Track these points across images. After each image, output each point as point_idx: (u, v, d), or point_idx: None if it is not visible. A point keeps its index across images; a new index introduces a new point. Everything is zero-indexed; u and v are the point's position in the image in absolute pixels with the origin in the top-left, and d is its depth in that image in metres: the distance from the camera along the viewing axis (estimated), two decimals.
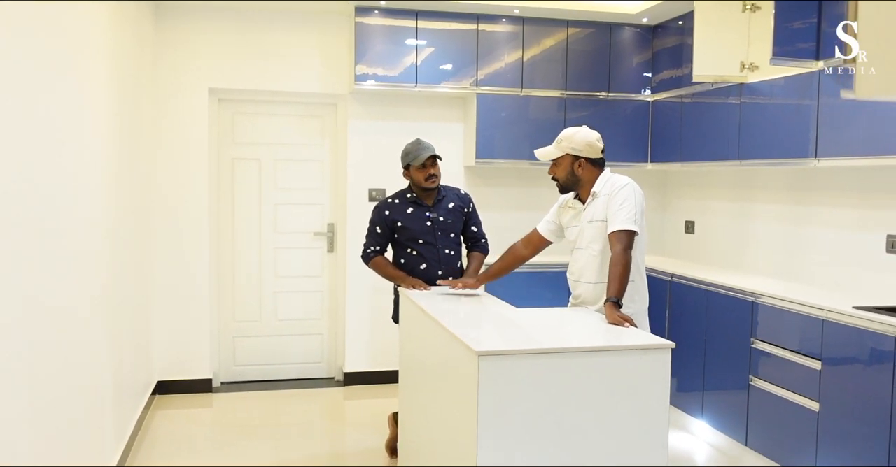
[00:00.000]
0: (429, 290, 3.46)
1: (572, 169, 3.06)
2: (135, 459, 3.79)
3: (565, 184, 3.11)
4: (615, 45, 5.18)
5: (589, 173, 3.06)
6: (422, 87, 4.91)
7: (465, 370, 2.44)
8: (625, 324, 2.67)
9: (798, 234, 4.22)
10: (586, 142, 3.04)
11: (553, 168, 3.12)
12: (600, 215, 2.98)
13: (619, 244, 2.86)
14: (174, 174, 4.90)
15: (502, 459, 2.34)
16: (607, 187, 3.00)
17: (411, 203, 3.68)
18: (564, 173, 3.08)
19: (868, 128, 3.38)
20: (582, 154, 3.03)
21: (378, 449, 3.99)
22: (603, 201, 2.98)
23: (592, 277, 3.02)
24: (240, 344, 5.24)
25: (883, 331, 2.98)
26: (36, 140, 2.37)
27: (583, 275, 3.08)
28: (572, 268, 3.15)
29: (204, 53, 4.92)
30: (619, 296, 2.79)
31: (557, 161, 3.10)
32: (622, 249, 2.84)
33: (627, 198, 2.91)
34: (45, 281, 2.44)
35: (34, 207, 2.35)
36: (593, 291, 3.02)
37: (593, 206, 3.02)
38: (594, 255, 3.02)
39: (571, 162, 3.06)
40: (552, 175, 3.14)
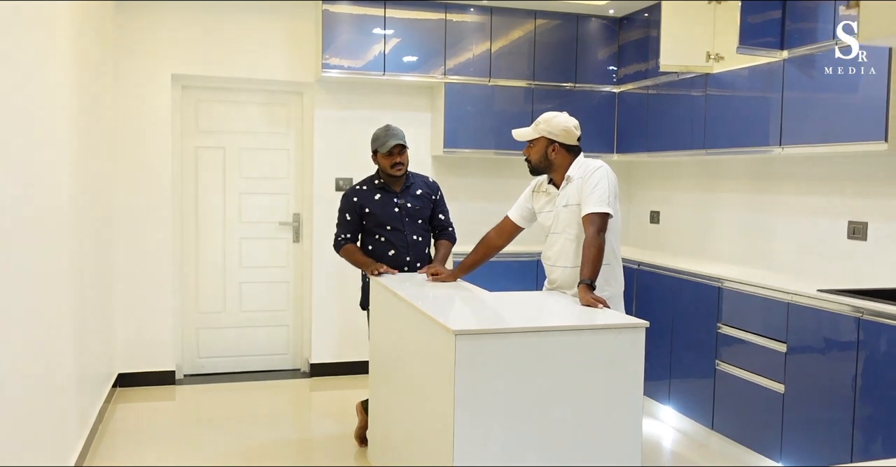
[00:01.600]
0: (396, 275, 3.46)
1: (546, 152, 3.07)
2: (96, 453, 3.69)
3: (537, 167, 3.12)
4: (582, 37, 5.21)
5: (562, 158, 3.07)
6: (389, 75, 4.88)
7: (441, 351, 2.43)
8: (598, 305, 2.69)
9: (762, 222, 4.31)
10: (563, 128, 3.06)
11: (528, 149, 3.13)
12: (574, 199, 2.99)
13: (593, 227, 2.87)
14: (136, 163, 4.79)
15: (479, 440, 2.33)
16: (580, 171, 3.01)
17: (379, 189, 3.67)
18: (538, 155, 3.09)
19: (830, 116, 3.45)
20: (557, 138, 3.05)
21: (347, 437, 3.95)
22: (576, 185, 3.00)
23: (568, 261, 3.03)
24: (204, 335, 5.15)
25: (847, 312, 3.05)
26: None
27: (558, 259, 3.08)
28: (547, 253, 3.16)
29: (167, 39, 4.82)
30: (592, 278, 2.80)
31: (533, 142, 3.11)
32: (595, 232, 2.86)
33: (600, 181, 2.93)
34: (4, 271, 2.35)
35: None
36: (570, 275, 3.03)
37: (567, 191, 3.03)
38: (569, 239, 3.03)
39: (546, 145, 3.07)
40: (526, 156, 3.14)
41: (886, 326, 2.88)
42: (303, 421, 4.45)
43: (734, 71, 4.09)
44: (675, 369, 4.14)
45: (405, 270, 3.60)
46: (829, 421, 3.13)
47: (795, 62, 3.66)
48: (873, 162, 3.61)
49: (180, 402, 4.69)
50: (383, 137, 3.60)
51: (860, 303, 2.99)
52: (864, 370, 2.97)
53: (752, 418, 3.57)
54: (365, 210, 3.63)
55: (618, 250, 3.09)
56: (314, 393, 4.92)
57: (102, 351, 4.27)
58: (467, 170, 5.39)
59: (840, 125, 3.40)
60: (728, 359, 3.73)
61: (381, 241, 3.64)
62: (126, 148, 4.76)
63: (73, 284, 3.36)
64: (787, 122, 3.70)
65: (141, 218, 4.81)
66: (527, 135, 3.11)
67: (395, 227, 3.63)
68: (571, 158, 3.08)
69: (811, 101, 3.57)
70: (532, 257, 4.80)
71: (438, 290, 3.17)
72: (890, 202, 3.53)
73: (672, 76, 4.58)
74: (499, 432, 2.36)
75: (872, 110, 3.23)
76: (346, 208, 3.67)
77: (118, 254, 4.75)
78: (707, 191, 4.79)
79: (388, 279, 3.36)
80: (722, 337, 3.76)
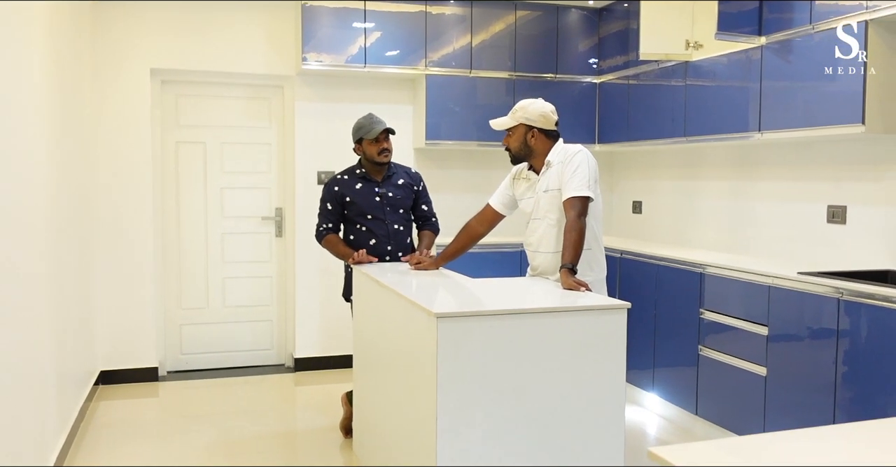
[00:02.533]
0: (376, 263, 3.45)
1: (525, 139, 3.06)
2: (77, 451, 3.63)
3: (517, 154, 3.12)
4: (562, 28, 5.22)
5: (541, 144, 3.07)
6: (370, 67, 4.86)
7: (423, 335, 2.42)
8: (580, 288, 2.69)
9: (742, 209, 4.33)
10: (540, 113, 3.05)
11: (507, 138, 3.13)
12: (555, 184, 2.99)
13: (574, 210, 2.86)
14: (116, 158, 4.75)
15: (463, 424, 2.33)
16: (560, 156, 3.01)
17: (360, 178, 3.65)
18: (517, 143, 3.08)
19: (808, 100, 3.48)
20: (536, 124, 3.04)
21: (332, 429, 3.94)
22: (557, 170, 2.99)
23: (550, 247, 3.02)
24: (186, 331, 5.11)
25: (827, 293, 3.07)
26: None
27: (540, 245, 3.08)
28: (529, 239, 3.15)
29: (146, 33, 4.78)
30: (573, 262, 2.80)
31: (511, 130, 3.10)
32: (576, 215, 2.85)
33: (580, 165, 2.92)
34: None
35: None
36: (552, 261, 3.02)
37: (547, 176, 3.03)
38: (551, 225, 3.02)
39: (525, 132, 3.06)
40: (505, 145, 3.14)
41: (866, 306, 2.90)
42: (287, 415, 4.42)
43: (713, 58, 4.11)
44: (659, 356, 4.15)
45: (386, 260, 3.60)
46: (811, 401, 3.15)
47: (773, 48, 3.68)
48: (850, 146, 3.64)
49: (163, 399, 4.65)
50: (368, 124, 3.59)
51: (840, 284, 3.02)
52: (845, 350, 2.99)
53: (736, 402, 3.59)
54: (346, 199, 3.61)
55: (600, 235, 3.09)
56: (299, 387, 4.90)
57: (83, 349, 4.23)
58: (449, 162, 5.38)
59: (818, 109, 3.43)
60: (711, 345, 3.75)
61: (361, 231, 3.63)
62: (106, 143, 4.72)
63: (52, 281, 3.33)
64: (765, 108, 3.72)
65: (122, 213, 4.77)
66: (504, 123, 3.11)
67: (377, 217, 3.62)
68: (551, 144, 3.07)
69: (789, 86, 3.60)
70: (515, 248, 4.81)
71: (420, 278, 3.16)
72: (868, 185, 3.56)
73: (652, 65, 4.60)
74: (482, 415, 2.35)
75: (849, 94, 3.26)
76: (327, 198, 3.65)
77: (99, 250, 4.71)
78: (688, 179, 4.81)
79: (370, 268, 3.35)
80: (704, 322, 3.78)
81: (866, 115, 3.20)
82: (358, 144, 3.65)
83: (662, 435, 3.98)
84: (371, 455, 3.29)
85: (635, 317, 4.17)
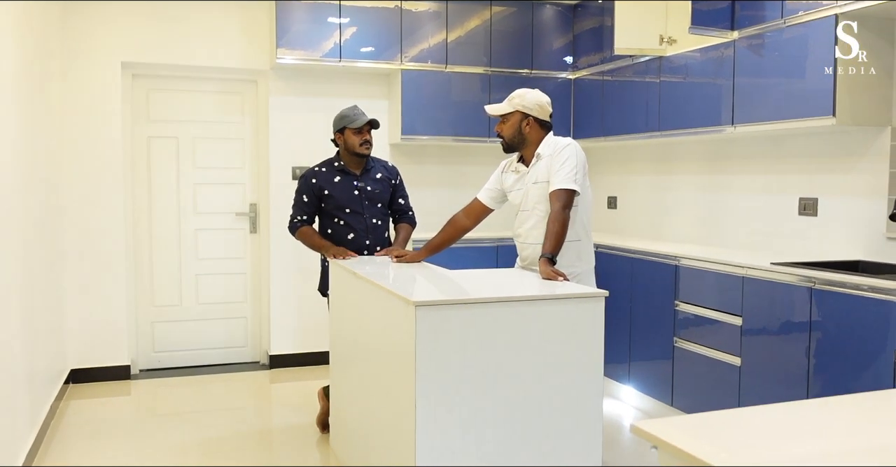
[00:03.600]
0: (357, 258, 3.42)
1: (520, 127, 3.08)
2: (47, 451, 3.54)
3: (511, 142, 3.12)
4: (538, 24, 5.24)
5: (535, 133, 3.08)
6: (346, 62, 4.84)
7: (401, 324, 2.41)
8: (558, 278, 2.70)
9: (716, 202, 4.38)
10: (537, 102, 3.08)
11: (501, 124, 3.13)
12: (544, 176, 3.01)
13: (559, 202, 2.89)
14: (86, 153, 4.66)
15: (441, 413, 2.32)
16: (550, 148, 3.03)
17: (339, 171, 3.63)
18: (512, 130, 3.09)
19: (780, 93, 3.53)
20: (532, 113, 3.06)
21: (308, 425, 3.91)
22: (546, 162, 3.01)
23: (539, 238, 3.02)
24: (159, 329, 5.04)
25: (799, 283, 3.11)
26: None
27: (529, 236, 3.10)
28: (518, 231, 3.17)
29: (116, 25, 4.71)
30: (553, 252, 2.81)
31: (506, 117, 3.11)
32: (561, 207, 2.88)
33: (569, 158, 2.95)
34: None
35: None
36: (537, 251, 3.03)
37: (537, 168, 3.05)
38: (540, 217, 3.03)
39: (520, 120, 3.07)
40: (499, 132, 3.14)
41: (838, 294, 2.94)
42: (263, 413, 4.38)
43: (687, 53, 4.15)
44: (635, 349, 4.18)
45: (364, 254, 3.57)
46: (785, 390, 3.19)
47: (746, 42, 3.72)
48: (821, 139, 3.70)
49: (136, 397, 4.58)
50: (352, 115, 3.57)
51: (812, 273, 3.06)
52: (818, 338, 3.04)
53: (711, 393, 3.62)
54: (324, 192, 3.58)
55: (589, 227, 3.13)
56: (274, 384, 4.86)
57: (53, 347, 4.15)
58: (425, 157, 5.37)
59: (790, 102, 3.48)
60: (686, 336, 3.78)
61: (340, 225, 3.60)
62: (75, 138, 4.64)
63: (21, 278, 3.26)
64: (738, 101, 3.77)
65: (92, 210, 4.69)
66: (500, 109, 3.11)
67: (355, 211, 3.60)
68: (543, 134, 3.10)
69: (761, 79, 3.64)
70: (493, 242, 4.82)
71: (399, 269, 3.15)
72: (838, 177, 3.61)
73: (626, 60, 4.63)
74: (461, 404, 2.34)
75: (820, 87, 3.31)
76: (303, 190, 3.62)
77: (69, 247, 4.63)
78: (662, 174, 4.85)
79: (348, 261, 3.33)
80: (680, 314, 3.81)
81: (837, 108, 3.25)
82: (339, 133, 3.60)
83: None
84: (349, 449, 3.27)
85: (611, 311, 4.18)
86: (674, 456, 1.06)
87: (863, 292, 2.84)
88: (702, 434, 1.15)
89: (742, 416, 1.25)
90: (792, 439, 1.15)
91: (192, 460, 3.47)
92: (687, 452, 1.03)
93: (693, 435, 1.12)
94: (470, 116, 5.09)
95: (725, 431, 1.17)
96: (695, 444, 1.06)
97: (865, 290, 2.83)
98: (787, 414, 1.28)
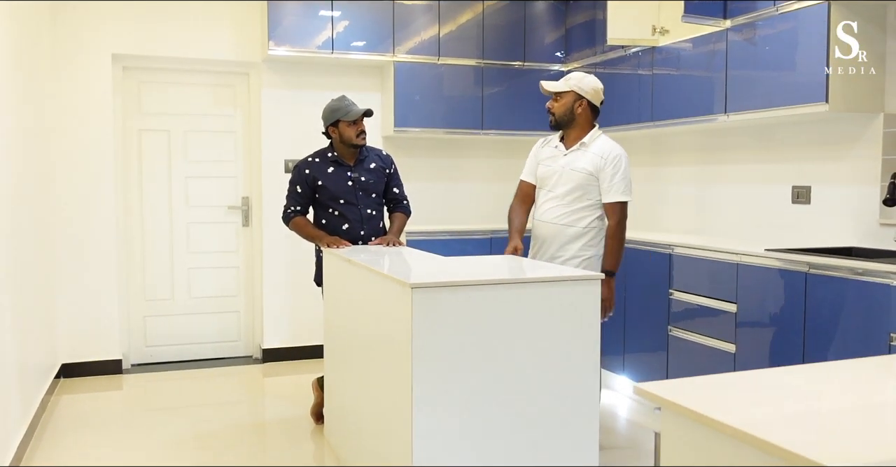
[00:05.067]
0: (351, 247, 3.40)
1: (573, 107, 3.16)
2: (37, 446, 3.49)
3: (560, 120, 3.20)
4: (530, 17, 5.24)
5: (584, 118, 3.18)
6: (338, 54, 4.82)
7: (397, 307, 2.40)
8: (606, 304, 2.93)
9: (710, 193, 4.39)
10: (593, 87, 3.18)
11: (553, 102, 3.21)
12: (584, 167, 3.11)
13: (615, 216, 3.07)
14: (77, 147, 4.63)
15: (438, 396, 2.31)
16: (598, 145, 3.15)
17: (332, 162, 3.61)
18: (564, 109, 3.17)
19: (772, 81, 3.53)
20: (586, 96, 3.16)
21: (303, 417, 3.88)
22: (592, 159, 3.12)
23: (555, 218, 3.18)
24: (151, 323, 5.01)
25: (793, 268, 3.12)
26: None
27: (545, 215, 3.23)
28: (538, 211, 3.29)
29: (107, 17, 4.68)
30: (613, 268, 3.03)
31: (560, 95, 3.18)
32: (617, 222, 3.06)
33: (625, 169, 3.10)
34: None
35: None
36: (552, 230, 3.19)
37: (579, 154, 3.16)
38: (556, 197, 3.18)
39: (574, 100, 3.16)
40: (550, 108, 3.22)
41: (832, 278, 2.95)
42: (256, 406, 4.36)
43: (679, 43, 4.16)
44: (629, 339, 4.18)
45: (359, 244, 3.56)
46: None
47: (738, 30, 3.73)
48: (814, 127, 3.71)
49: (128, 391, 4.55)
50: (345, 106, 3.53)
51: (806, 259, 3.07)
52: (812, 323, 3.04)
53: None
54: (318, 182, 3.56)
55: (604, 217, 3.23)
56: (267, 378, 4.83)
57: (44, 341, 4.11)
58: (418, 150, 5.36)
59: (782, 89, 3.49)
60: (680, 325, 3.78)
61: (334, 215, 3.58)
62: (66, 131, 4.60)
63: (12, 272, 3.22)
64: (731, 90, 3.77)
65: (83, 204, 4.65)
66: (557, 87, 3.19)
67: (349, 201, 3.58)
68: (592, 120, 3.21)
69: (754, 67, 3.65)
70: (488, 234, 4.82)
71: (393, 256, 3.14)
72: (831, 165, 3.62)
73: (619, 51, 4.63)
74: (457, 387, 2.34)
75: (813, 73, 3.32)
76: (297, 180, 3.60)
77: (60, 241, 4.59)
78: (656, 166, 4.86)
79: (342, 249, 3.32)
80: (674, 303, 3.82)
81: (829, 94, 3.26)
82: (333, 127, 3.57)
83: (634, 417, 4.00)
84: (344, 439, 3.25)
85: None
86: (677, 413, 1.05)
87: (857, 276, 2.85)
88: (703, 393, 1.14)
89: (742, 379, 1.25)
90: (788, 398, 1.16)
91: (185, 454, 3.44)
92: (689, 408, 1.03)
93: (695, 395, 1.12)
94: (463, 109, 5.09)
95: (725, 391, 1.17)
96: (697, 402, 1.06)
97: (859, 274, 2.84)
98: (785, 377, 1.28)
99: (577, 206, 3.14)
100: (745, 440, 0.95)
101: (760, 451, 0.93)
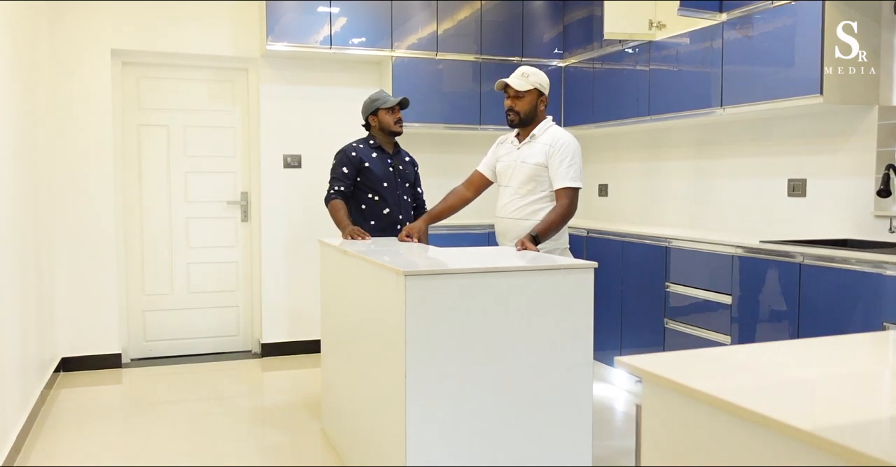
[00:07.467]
0: (368, 240, 3.38)
1: (536, 104, 3.13)
2: (37, 439, 3.50)
3: (525, 119, 3.15)
4: (528, 13, 5.25)
5: (542, 114, 3.18)
6: (336, 49, 4.84)
7: (391, 295, 2.41)
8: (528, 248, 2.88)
9: (706, 187, 4.39)
10: (547, 82, 3.17)
11: (514, 100, 3.13)
12: (534, 159, 3.08)
13: (567, 199, 3.02)
14: (76, 142, 4.65)
15: (431, 384, 2.32)
16: (548, 136, 3.11)
17: (375, 148, 3.73)
18: (528, 107, 3.13)
19: (768, 73, 3.54)
20: (546, 92, 3.16)
21: (301, 410, 3.89)
22: (542, 149, 3.09)
23: (512, 213, 3.16)
24: (150, 318, 5.03)
25: (789, 259, 3.13)
26: None
27: (503, 210, 3.22)
28: (497, 206, 3.28)
29: (106, 12, 4.70)
30: (540, 234, 2.95)
31: (522, 94, 3.11)
32: (569, 203, 3.02)
33: (574, 156, 3.07)
34: None
35: None
36: (509, 225, 3.18)
37: (530, 147, 3.13)
38: (512, 192, 3.16)
39: (537, 97, 3.13)
40: (511, 106, 3.14)
41: (827, 269, 2.96)
42: (255, 400, 4.36)
43: (676, 37, 4.17)
44: (626, 332, 4.19)
45: (398, 229, 3.63)
46: None
47: (734, 23, 3.74)
48: (809, 120, 3.71)
49: (127, 386, 4.56)
50: (383, 97, 3.71)
51: (801, 249, 3.07)
52: (808, 314, 3.05)
53: None
54: (364, 164, 3.66)
55: None
56: (266, 373, 4.84)
57: (44, 336, 4.13)
58: (417, 145, 5.35)
59: (778, 82, 3.49)
60: (676, 317, 3.79)
61: (374, 200, 3.67)
62: (65, 127, 4.62)
63: (11, 266, 3.23)
64: (727, 83, 3.78)
65: (83, 198, 4.67)
66: (519, 85, 3.11)
67: (391, 186, 3.69)
68: (544, 115, 3.18)
69: (750, 60, 3.66)
70: (485, 229, 4.83)
71: (387, 246, 3.15)
72: (826, 158, 3.63)
73: (616, 46, 4.64)
74: (451, 374, 2.35)
75: (808, 66, 3.32)
76: (344, 161, 3.66)
77: (60, 235, 4.61)
78: (653, 160, 4.86)
79: (339, 240, 3.33)
80: (670, 295, 3.82)
81: (824, 87, 3.27)
82: (373, 116, 3.70)
83: (631, 410, 4.00)
84: (340, 429, 3.27)
85: (601, 295, 4.20)
86: (657, 384, 1.07)
87: (851, 266, 2.85)
88: (683, 365, 1.15)
89: (724, 352, 1.26)
90: (774, 369, 1.17)
91: (184, 448, 3.45)
92: (667, 378, 1.04)
93: (674, 367, 1.13)
94: (461, 104, 5.10)
95: (706, 364, 1.18)
96: (676, 373, 1.07)
97: (854, 264, 2.84)
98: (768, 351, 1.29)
99: (531, 198, 3.11)
100: (723, 407, 0.96)
101: (738, 418, 0.95)
